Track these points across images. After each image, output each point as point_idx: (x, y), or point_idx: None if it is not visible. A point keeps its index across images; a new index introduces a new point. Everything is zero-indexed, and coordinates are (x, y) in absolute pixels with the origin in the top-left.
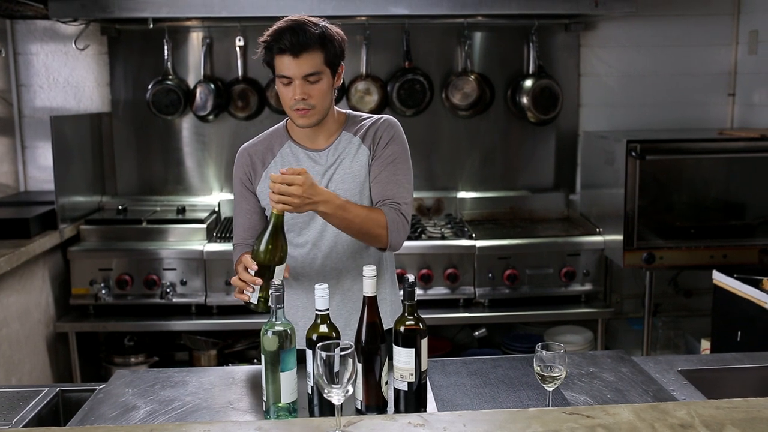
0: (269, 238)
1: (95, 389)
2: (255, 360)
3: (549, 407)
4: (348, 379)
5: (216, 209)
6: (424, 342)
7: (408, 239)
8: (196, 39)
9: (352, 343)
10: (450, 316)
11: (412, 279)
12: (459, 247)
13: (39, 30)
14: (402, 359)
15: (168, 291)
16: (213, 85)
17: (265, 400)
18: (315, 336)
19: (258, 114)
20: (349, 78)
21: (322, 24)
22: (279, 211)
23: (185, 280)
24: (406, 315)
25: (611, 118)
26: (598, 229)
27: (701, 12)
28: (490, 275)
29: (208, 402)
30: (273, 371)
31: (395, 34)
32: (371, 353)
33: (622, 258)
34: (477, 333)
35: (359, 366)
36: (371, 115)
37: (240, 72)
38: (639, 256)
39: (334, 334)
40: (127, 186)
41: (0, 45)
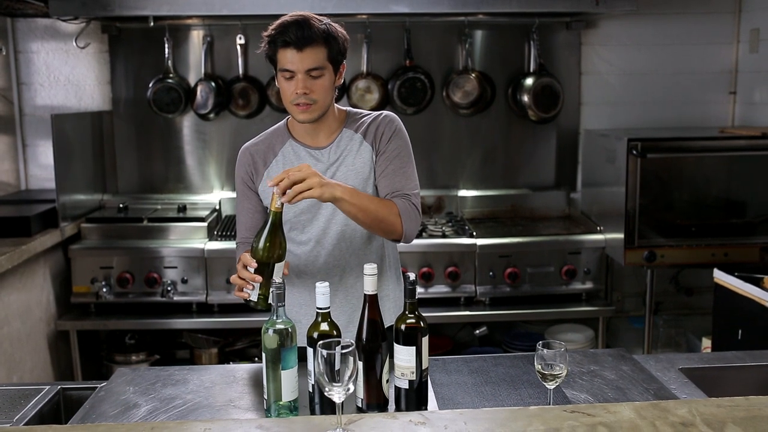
0: (267, 235)
1: (96, 387)
2: (256, 358)
3: (550, 405)
4: (349, 378)
5: (217, 207)
6: (425, 340)
7: None
8: (196, 37)
9: (352, 342)
10: (451, 314)
11: (413, 277)
12: (460, 246)
13: (40, 28)
14: (403, 357)
15: (169, 289)
16: (214, 84)
17: (266, 398)
18: (316, 334)
19: (259, 112)
20: (350, 76)
21: (326, 21)
22: (277, 210)
23: (186, 278)
24: (407, 313)
25: (612, 116)
26: (599, 228)
27: (702, 10)
28: (491, 273)
29: (209, 400)
30: (274, 369)
31: (396, 32)
32: (372, 351)
33: (623, 256)
34: (478, 331)
35: (360, 364)
36: (371, 112)
37: (241, 70)
38: (640, 254)
39: (335, 332)
40: (128, 184)
41: (1, 43)
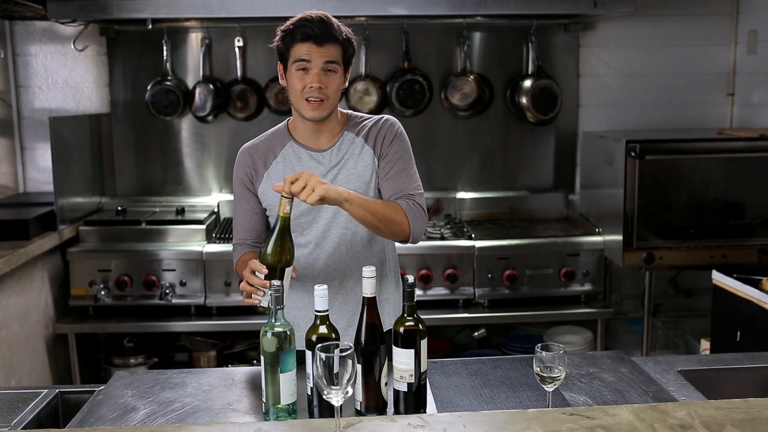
0: (276, 240)
1: (94, 391)
2: (255, 361)
3: (549, 408)
4: (347, 381)
5: (215, 210)
6: (423, 343)
7: None
8: (195, 40)
9: (351, 345)
10: (449, 316)
11: (411, 280)
12: (458, 248)
13: (38, 31)
14: (401, 360)
15: (167, 292)
16: (212, 86)
17: (265, 401)
18: (314, 337)
19: (257, 114)
20: (348, 78)
21: (342, 24)
22: (286, 214)
23: (184, 281)
24: (405, 316)
25: (610, 118)
26: (597, 230)
27: (700, 12)
28: (489, 276)
29: (207, 403)
30: (272, 372)
31: (394, 34)
32: (371, 354)
33: (621, 258)
34: (476, 333)
35: (359, 367)
36: (371, 116)
37: (239, 72)
38: (638, 256)
39: (333, 335)
40: (127, 187)
41: None
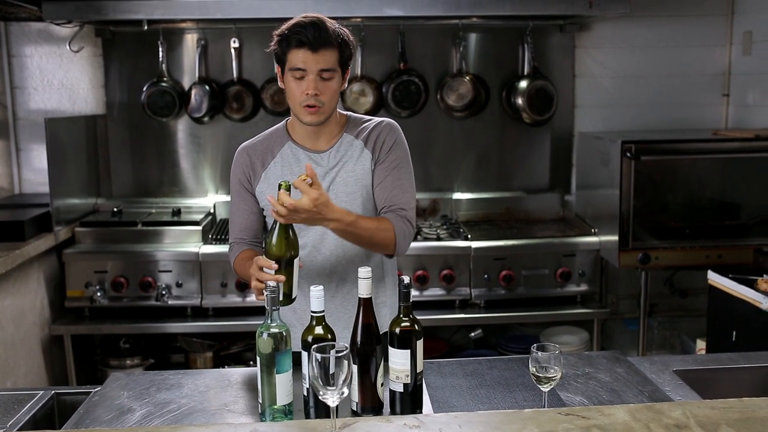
0: (280, 232)
1: (90, 392)
2: (251, 362)
3: (544, 408)
4: (343, 381)
5: (211, 211)
6: (419, 343)
7: None
8: (190, 41)
9: (347, 345)
10: (446, 317)
11: (407, 280)
12: (455, 248)
13: (33, 32)
14: (397, 360)
15: (163, 293)
16: (208, 87)
17: (261, 402)
18: (310, 338)
19: (253, 115)
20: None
21: (338, 25)
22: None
23: (181, 282)
24: (401, 316)
25: (606, 118)
26: (593, 230)
27: (695, 13)
28: (485, 276)
29: (203, 404)
30: (268, 373)
31: (390, 35)
32: (367, 355)
33: (617, 258)
34: (473, 334)
35: (354, 368)
36: (372, 118)
37: (235, 74)
38: (634, 256)
39: (329, 335)
40: (122, 188)
41: None
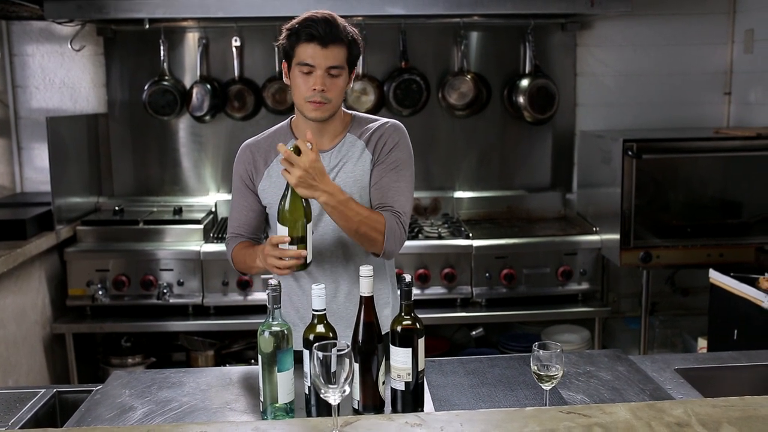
0: (294, 195)
1: (92, 390)
2: (252, 360)
3: (546, 406)
4: (345, 380)
5: (213, 210)
6: (421, 342)
7: None
8: (192, 39)
9: (348, 344)
10: (447, 315)
11: (409, 279)
12: (456, 247)
13: (35, 31)
14: (399, 359)
15: (165, 292)
16: (209, 86)
17: (262, 400)
18: (312, 336)
19: (254, 114)
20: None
21: (348, 24)
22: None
23: (182, 280)
24: (403, 315)
25: (608, 117)
26: (594, 229)
27: (697, 11)
28: (487, 275)
29: (205, 403)
30: (270, 372)
31: (392, 34)
32: (368, 353)
33: (618, 257)
34: (474, 332)
35: (356, 366)
36: (377, 118)
37: (236, 72)
38: (636, 255)
39: (331, 334)
40: (124, 187)
41: None
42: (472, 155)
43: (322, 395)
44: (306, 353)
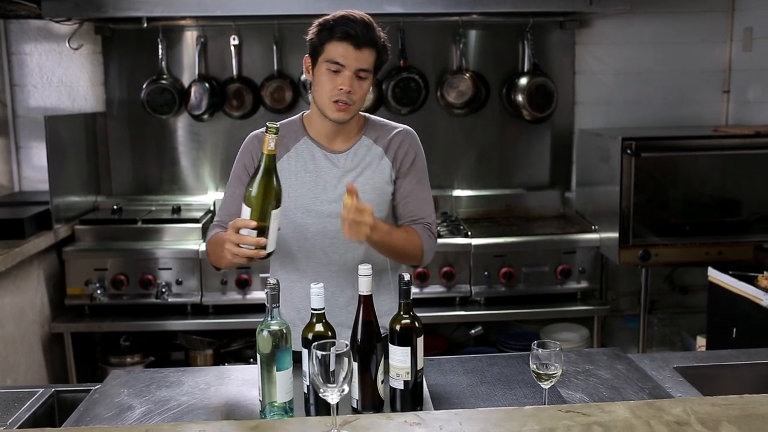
0: (262, 178)
1: (91, 390)
2: (251, 359)
3: (545, 405)
4: (344, 379)
5: (211, 208)
6: (420, 340)
7: None
8: (190, 38)
9: (347, 343)
10: (446, 314)
11: (407, 277)
12: (455, 246)
13: (32, 29)
14: (398, 358)
15: (163, 291)
16: (208, 85)
17: (261, 399)
18: (311, 335)
19: (253, 113)
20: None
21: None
22: (270, 152)
23: (181, 279)
24: (401, 313)
25: (606, 115)
26: (593, 227)
27: (696, 9)
28: (486, 273)
29: (203, 402)
30: (268, 371)
31: (390, 32)
32: (367, 352)
33: (617, 255)
34: (473, 331)
35: (355, 365)
36: (392, 123)
37: (235, 71)
38: (634, 253)
39: (329, 333)
40: (122, 186)
41: None
42: (470, 154)
43: (321, 394)
44: (305, 352)
